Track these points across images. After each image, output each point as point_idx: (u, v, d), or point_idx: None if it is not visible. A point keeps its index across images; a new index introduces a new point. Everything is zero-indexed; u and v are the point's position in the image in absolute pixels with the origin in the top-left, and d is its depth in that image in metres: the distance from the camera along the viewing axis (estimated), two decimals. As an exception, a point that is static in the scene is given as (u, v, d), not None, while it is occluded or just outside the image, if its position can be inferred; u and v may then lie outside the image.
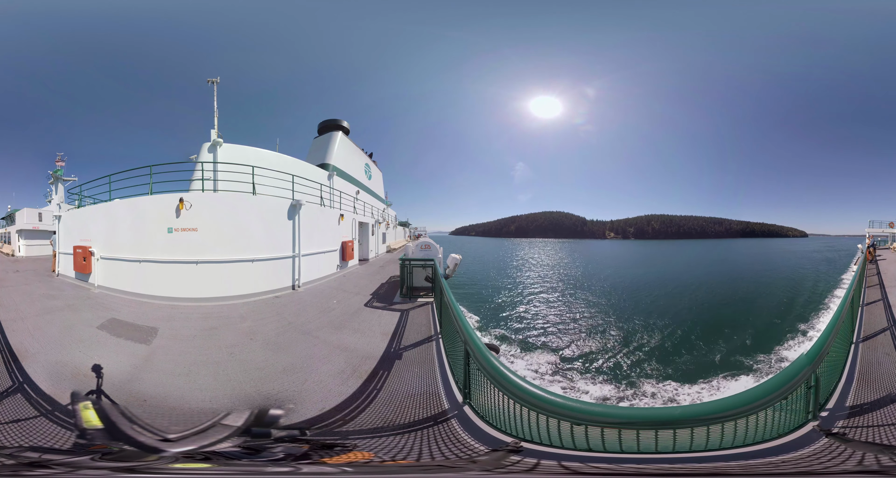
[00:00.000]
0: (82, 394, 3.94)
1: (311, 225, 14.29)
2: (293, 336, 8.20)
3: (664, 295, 27.24)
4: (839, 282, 27.70)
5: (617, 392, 11.16)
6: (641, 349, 14.91)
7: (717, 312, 21.26)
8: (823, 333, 4.96)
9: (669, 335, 16.76)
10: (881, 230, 29.98)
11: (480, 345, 4.68)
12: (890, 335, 7.53)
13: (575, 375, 12.33)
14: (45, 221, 26.37)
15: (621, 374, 12.60)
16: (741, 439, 3.47)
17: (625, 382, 11.85)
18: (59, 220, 14.30)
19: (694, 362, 13.58)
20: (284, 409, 5.08)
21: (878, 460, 3.36)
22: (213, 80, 15.09)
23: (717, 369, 12.80)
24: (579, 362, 13.64)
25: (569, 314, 20.84)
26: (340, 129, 26.87)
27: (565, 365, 13.20)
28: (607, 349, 14.89)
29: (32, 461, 2.90)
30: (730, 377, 12.00)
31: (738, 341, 15.51)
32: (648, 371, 12.77)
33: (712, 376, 12.11)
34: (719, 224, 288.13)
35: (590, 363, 13.46)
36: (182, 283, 11.16)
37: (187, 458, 2.97)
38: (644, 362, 13.56)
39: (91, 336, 7.81)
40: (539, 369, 12.73)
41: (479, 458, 3.72)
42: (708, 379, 11.93)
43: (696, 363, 13.49)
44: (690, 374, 12.44)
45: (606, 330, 17.59)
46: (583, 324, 18.71)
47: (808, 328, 16.50)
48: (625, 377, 12.24)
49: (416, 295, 11.62)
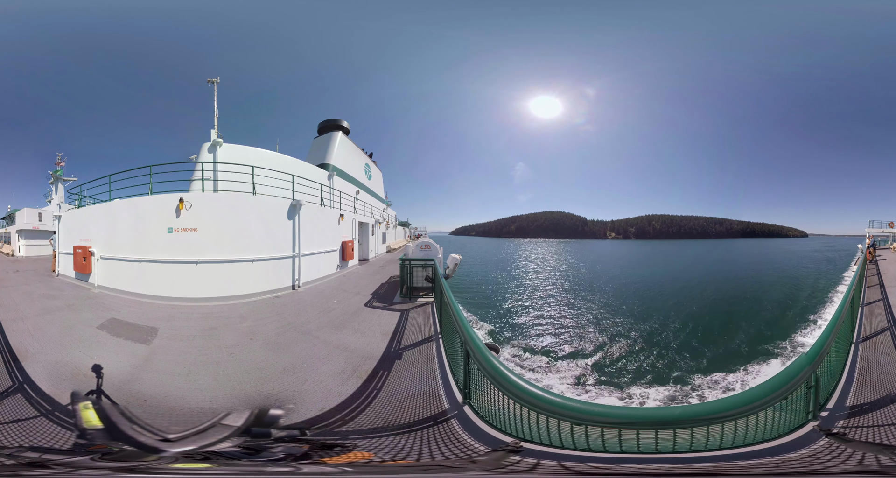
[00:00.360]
0: (82, 394, 3.95)
1: (311, 225, 14.29)
2: (293, 336, 8.20)
3: (677, 293, 28.21)
4: (840, 279, 29.21)
5: (675, 392, 11.50)
6: (670, 347, 15.46)
7: (731, 307, 22.91)
8: (823, 333, 4.96)
9: (694, 329, 17.75)
10: (881, 230, 29.99)
11: (480, 345, 4.68)
12: (890, 335, 7.53)
13: (622, 382, 12.12)
14: (45, 221, 26.37)
15: (668, 375, 12.85)
16: (741, 439, 3.47)
17: (673, 381, 12.31)
18: (59, 220, 14.30)
19: (723, 351, 14.80)
20: (284, 409, 5.08)
21: (878, 460, 3.36)
22: (213, 80, 15.10)
23: (744, 358, 13.93)
24: (624, 368, 13.29)
25: (591, 317, 20.32)
26: (340, 129, 26.87)
27: (608, 373, 12.84)
28: (642, 350, 14.94)
29: (32, 461, 2.90)
30: (761, 361, 13.36)
31: (755, 331, 17.02)
32: (688, 365, 13.50)
33: (744, 363, 13.32)
34: (720, 224, 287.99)
35: (634, 369, 13.25)
36: (182, 283, 11.16)
37: (187, 458, 2.97)
38: (681, 359, 14.18)
39: (91, 336, 7.81)
40: (583, 379, 12.20)
41: (479, 458, 3.72)
42: (739, 366, 13.14)
43: (726, 352, 14.75)
44: (720, 362, 13.61)
45: (636, 331, 17.52)
46: (608, 328, 18.26)
47: (817, 318, 18.55)
48: (674, 378, 12.58)
49: (416, 295, 11.62)
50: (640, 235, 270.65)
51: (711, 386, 11.69)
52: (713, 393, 11.24)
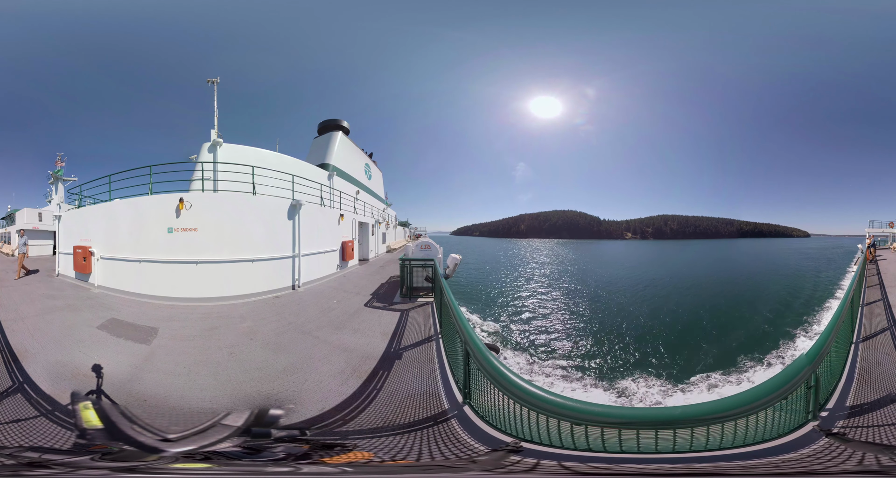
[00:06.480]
0: (82, 394, 3.96)
1: (311, 225, 14.29)
2: (293, 336, 8.20)
3: (723, 288, 29.77)
4: (845, 273, 30.74)
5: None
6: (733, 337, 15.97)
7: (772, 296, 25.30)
8: (823, 333, 4.95)
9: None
10: (881, 230, 29.99)
11: (480, 345, 4.68)
12: (890, 335, 7.53)
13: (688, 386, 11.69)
14: (45, 221, 26.38)
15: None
16: (741, 439, 3.46)
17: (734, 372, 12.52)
18: (59, 220, 14.30)
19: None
20: (284, 409, 5.08)
21: (878, 460, 3.36)
22: (213, 81, 15.11)
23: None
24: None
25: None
26: (340, 129, 26.89)
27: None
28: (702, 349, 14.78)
29: (32, 461, 2.90)
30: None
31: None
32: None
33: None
34: (730, 225, 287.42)
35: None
36: (182, 283, 11.16)
37: (187, 458, 2.97)
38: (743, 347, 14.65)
39: (91, 336, 7.81)
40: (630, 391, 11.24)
41: (479, 458, 3.72)
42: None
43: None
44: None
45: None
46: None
47: (830, 305, 20.36)
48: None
49: (416, 295, 11.62)
50: (657, 236, 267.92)
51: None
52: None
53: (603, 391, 11.15)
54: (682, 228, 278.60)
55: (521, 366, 12.76)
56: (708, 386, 11.47)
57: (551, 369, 12.67)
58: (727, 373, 12.30)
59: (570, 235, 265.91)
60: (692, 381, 11.82)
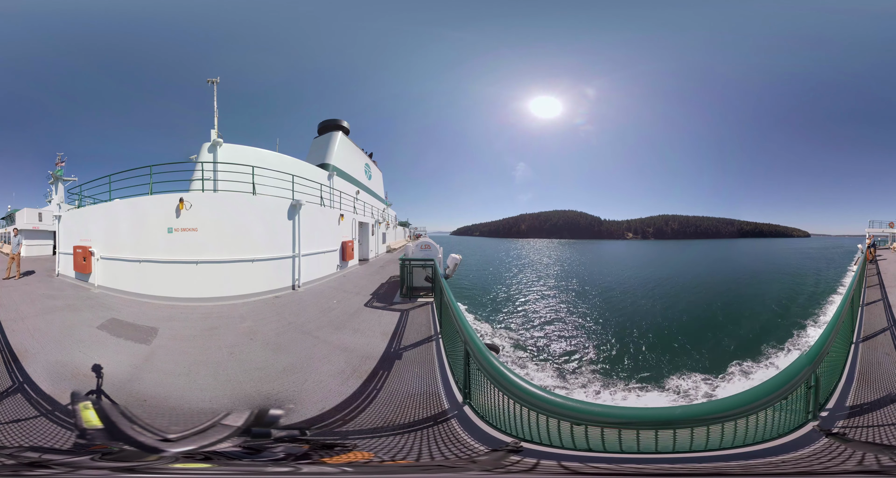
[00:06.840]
0: (82, 394, 3.96)
1: (311, 225, 14.29)
2: (293, 336, 8.20)
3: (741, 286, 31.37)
4: (845, 272, 31.90)
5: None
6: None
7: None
8: (823, 333, 4.95)
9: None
10: (881, 230, 30.00)
11: (480, 345, 4.67)
12: (890, 335, 7.53)
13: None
14: (45, 221, 26.35)
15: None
16: (741, 439, 3.46)
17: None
18: (59, 220, 14.31)
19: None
20: (284, 409, 5.08)
21: (878, 460, 3.36)
22: (213, 81, 15.12)
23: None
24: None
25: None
26: (340, 129, 26.91)
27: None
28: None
29: (32, 461, 2.89)
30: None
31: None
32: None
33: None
34: (731, 225, 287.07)
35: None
36: (182, 283, 11.16)
37: (187, 458, 2.97)
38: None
39: (91, 336, 7.81)
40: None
41: (479, 458, 3.71)
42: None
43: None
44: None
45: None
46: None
47: (833, 299, 22.18)
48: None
49: (416, 295, 11.62)
50: (658, 236, 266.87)
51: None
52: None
53: (658, 393, 11.36)
54: (682, 228, 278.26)
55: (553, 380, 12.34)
56: (741, 372, 12.23)
57: (588, 376, 12.64)
58: (756, 360, 13.15)
59: (570, 235, 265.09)
60: (730, 371, 12.45)
